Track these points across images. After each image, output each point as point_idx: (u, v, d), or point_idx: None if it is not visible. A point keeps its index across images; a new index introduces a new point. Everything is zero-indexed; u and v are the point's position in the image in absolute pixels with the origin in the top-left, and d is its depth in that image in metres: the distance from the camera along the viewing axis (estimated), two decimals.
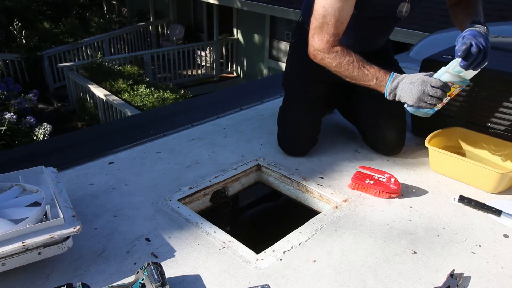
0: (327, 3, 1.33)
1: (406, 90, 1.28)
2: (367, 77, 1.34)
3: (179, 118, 2.00)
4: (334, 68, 1.38)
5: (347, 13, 1.34)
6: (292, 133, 1.65)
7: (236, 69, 10.21)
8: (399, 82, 1.30)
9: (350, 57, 1.35)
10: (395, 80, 1.30)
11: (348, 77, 1.37)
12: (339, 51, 1.36)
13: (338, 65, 1.36)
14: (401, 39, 5.45)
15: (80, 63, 8.13)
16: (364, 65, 1.34)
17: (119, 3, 13.42)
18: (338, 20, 1.34)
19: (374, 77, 1.33)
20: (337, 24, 1.34)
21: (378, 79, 1.33)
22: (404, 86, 1.28)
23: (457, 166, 1.44)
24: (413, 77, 1.29)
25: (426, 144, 1.48)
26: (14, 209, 1.06)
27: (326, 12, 1.34)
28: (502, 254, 1.12)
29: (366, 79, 1.34)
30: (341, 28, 1.36)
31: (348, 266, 1.06)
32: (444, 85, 1.26)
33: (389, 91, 1.31)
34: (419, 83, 1.26)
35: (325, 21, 1.35)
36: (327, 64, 1.39)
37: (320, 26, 1.36)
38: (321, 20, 1.35)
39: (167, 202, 1.32)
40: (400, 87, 1.29)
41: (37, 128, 4.12)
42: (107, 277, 1.01)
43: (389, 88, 1.31)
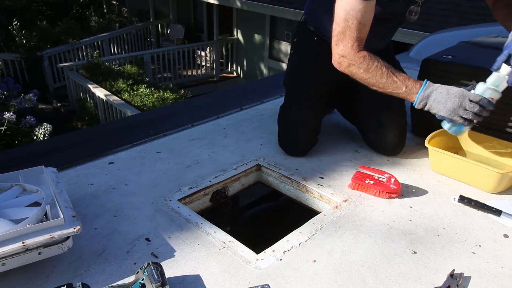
0: (349, 5, 1.29)
1: (440, 100, 1.24)
2: (396, 84, 1.29)
3: (179, 118, 2.01)
4: (361, 75, 1.33)
5: (369, 15, 1.30)
6: (293, 133, 1.65)
7: (236, 69, 10.22)
8: (432, 91, 1.26)
9: (378, 63, 1.30)
10: (429, 88, 1.27)
11: (376, 84, 1.32)
12: (366, 56, 1.31)
13: (365, 71, 1.31)
14: (401, 39, 5.45)
15: (80, 63, 8.13)
16: (393, 72, 1.30)
17: (119, 3, 13.43)
18: (361, 23, 1.29)
19: (403, 84, 1.29)
20: (359, 27, 1.29)
21: (407, 87, 1.29)
22: (438, 96, 1.25)
23: (457, 166, 1.44)
24: (451, 88, 1.25)
25: (426, 144, 1.48)
26: (14, 209, 1.06)
27: (347, 15, 1.29)
28: (502, 254, 1.12)
29: (395, 87, 1.30)
30: (364, 31, 1.31)
31: (348, 266, 1.07)
32: (484, 100, 1.23)
33: (420, 99, 1.27)
34: (457, 95, 1.23)
35: (348, 25, 1.30)
36: (353, 71, 1.34)
37: (343, 31, 1.31)
38: (343, 24, 1.31)
39: (167, 202, 1.32)
40: (433, 96, 1.26)
41: (37, 128, 4.12)
42: (107, 277, 1.01)
43: (421, 96, 1.27)
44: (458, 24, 3.25)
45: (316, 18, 1.63)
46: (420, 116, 1.75)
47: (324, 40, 1.60)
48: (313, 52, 1.66)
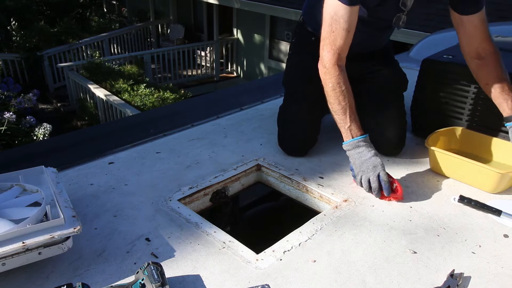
0: (333, 10, 1.32)
1: (358, 158, 1.34)
2: (344, 117, 1.35)
3: (179, 118, 2.00)
4: (327, 89, 1.38)
5: (352, 20, 1.32)
6: (292, 133, 1.65)
7: (236, 69, 10.22)
8: (359, 147, 1.34)
9: (345, 91, 1.35)
10: (362, 142, 1.34)
11: (331, 104, 1.38)
12: (340, 76, 1.35)
13: (332, 89, 1.36)
14: (401, 39, 5.46)
15: (80, 63, 8.14)
16: (350, 107, 1.35)
17: (119, 3, 13.43)
18: (344, 29, 1.32)
19: (349, 123, 1.35)
20: (342, 33, 1.32)
21: (350, 127, 1.35)
22: (363, 153, 1.33)
23: (457, 166, 1.44)
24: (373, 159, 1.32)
25: (426, 144, 1.48)
26: (14, 209, 1.06)
27: (332, 20, 1.32)
28: (502, 254, 1.12)
29: (342, 119, 1.36)
30: (347, 37, 1.33)
31: (348, 266, 1.07)
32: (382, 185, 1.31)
33: (349, 144, 1.35)
34: (373, 163, 1.31)
35: (331, 30, 1.33)
36: (325, 81, 1.38)
37: (328, 36, 1.35)
38: (327, 29, 1.34)
39: (167, 202, 1.32)
40: (359, 150, 1.34)
41: (37, 128, 4.12)
42: (107, 277, 1.01)
43: (352, 143, 1.35)
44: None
45: (313, 19, 1.63)
46: (420, 116, 1.76)
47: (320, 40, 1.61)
48: (311, 52, 1.65)
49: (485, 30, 1.39)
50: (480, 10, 1.36)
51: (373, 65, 1.68)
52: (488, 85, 1.40)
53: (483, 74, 1.41)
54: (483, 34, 1.39)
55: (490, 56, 1.40)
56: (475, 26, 1.38)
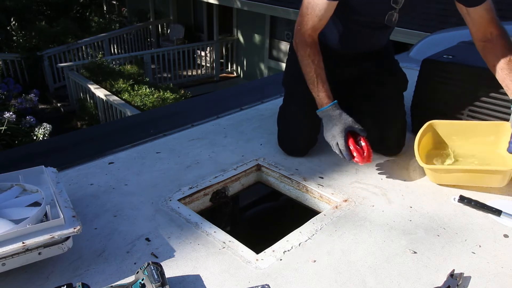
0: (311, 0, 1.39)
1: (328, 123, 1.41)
2: (313, 86, 1.44)
3: (179, 118, 2.01)
4: (300, 61, 1.46)
5: (325, 12, 1.38)
6: (292, 133, 1.65)
7: (236, 69, 10.22)
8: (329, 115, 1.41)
9: (312, 63, 1.43)
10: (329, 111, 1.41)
11: (304, 75, 1.46)
12: (309, 48, 1.43)
13: (300, 58, 1.45)
14: (401, 39, 5.46)
15: (80, 63, 8.14)
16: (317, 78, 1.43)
17: (119, 3, 13.43)
18: (317, 16, 1.39)
19: (317, 93, 1.44)
20: (315, 19, 1.40)
21: (318, 97, 1.43)
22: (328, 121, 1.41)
23: (460, 175, 1.41)
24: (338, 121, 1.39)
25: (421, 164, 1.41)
26: (14, 209, 1.06)
27: (308, 5, 1.40)
28: (502, 254, 1.12)
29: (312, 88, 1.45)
30: (318, 24, 1.41)
31: (348, 266, 1.07)
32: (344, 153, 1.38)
33: (319, 113, 1.44)
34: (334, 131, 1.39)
35: (306, 13, 1.40)
36: (299, 55, 1.46)
37: (302, 19, 1.42)
38: (304, 11, 1.41)
39: (167, 202, 1.32)
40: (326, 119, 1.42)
41: (37, 128, 4.12)
42: (107, 277, 1.01)
43: (321, 112, 1.43)
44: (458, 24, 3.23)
45: None
46: (420, 116, 1.76)
47: (320, 41, 1.60)
48: None
49: (492, 17, 1.41)
50: (485, 1, 1.37)
51: (373, 65, 1.68)
52: (495, 67, 1.40)
53: (491, 56, 1.42)
54: (490, 20, 1.41)
55: (497, 39, 1.41)
56: (481, 16, 1.40)
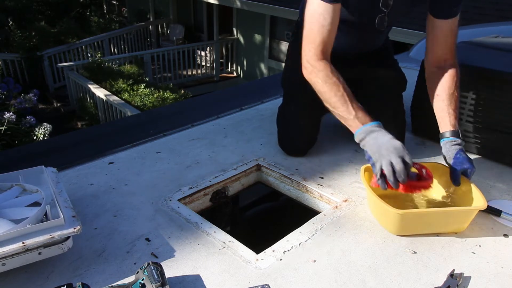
0: (312, 8, 1.28)
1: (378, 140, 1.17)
2: (346, 107, 1.23)
3: (179, 118, 2.01)
4: (318, 87, 1.30)
5: (332, 18, 1.27)
6: (292, 133, 1.65)
7: (236, 69, 10.22)
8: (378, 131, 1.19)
9: (338, 80, 1.26)
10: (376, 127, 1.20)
11: (328, 101, 1.28)
12: (327, 68, 1.28)
13: (323, 83, 1.27)
14: (401, 39, 5.46)
15: (80, 63, 8.14)
16: (349, 96, 1.25)
17: (119, 3, 13.44)
18: (323, 25, 1.27)
19: (354, 111, 1.23)
20: (321, 30, 1.27)
21: (357, 116, 1.23)
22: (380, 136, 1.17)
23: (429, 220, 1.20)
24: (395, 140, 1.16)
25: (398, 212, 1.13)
26: (14, 209, 1.06)
27: (311, 18, 1.29)
28: (502, 254, 1.12)
29: (344, 110, 1.24)
30: (328, 35, 1.28)
31: (348, 266, 1.07)
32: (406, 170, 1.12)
33: (363, 131, 1.21)
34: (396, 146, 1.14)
35: (311, 27, 1.30)
36: (313, 79, 1.31)
37: (307, 34, 1.31)
38: (307, 27, 1.31)
39: (167, 202, 1.32)
40: (375, 134, 1.19)
41: (37, 128, 4.12)
42: (107, 277, 1.01)
43: (365, 129, 1.20)
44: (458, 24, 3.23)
45: None
46: (420, 116, 1.76)
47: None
48: None
49: (453, 42, 1.38)
50: (451, 17, 1.34)
51: (372, 65, 1.68)
52: (437, 96, 1.36)
53: (436, 84, 1.38)
54: (449, 44, 1.38)
55: (449, 68, 1.37)
56: (445, 34, 1.37)
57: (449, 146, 1.28)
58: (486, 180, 1.48)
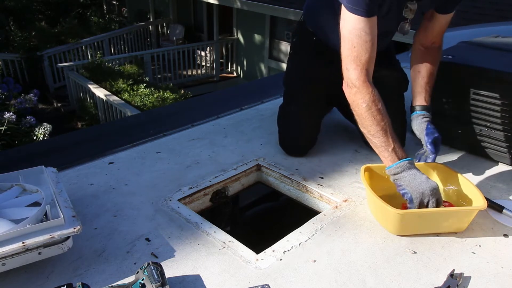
0: (351, 25, 1.24)
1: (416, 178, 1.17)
2: (386, 138, 1.22)
3: (179, 118, 2.01)
4: (361, 110, 1.25)
5: (373, 32, 1.24)
6: (292, 133, 1.65)
7: (236, 69, 10.22)
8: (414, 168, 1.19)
9: (382, 108, 1.24)
10: (412, 164, 1.20)
11: (367, 127, 1.25)
12: (373, 93, 1.24)
13: (367, 108, 1.23)
14: (401, 39, 5.44)
15: (80, 63, 8.14)
16: (390, 127, 1.23)
17: (119, 3, 13.43)
18: (366, 41, 1.24)
19: (393, 144, 1.22)
20: (366, 46, 1.24)
21: (395, 149, 1.21)
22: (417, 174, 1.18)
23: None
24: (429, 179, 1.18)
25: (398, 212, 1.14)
26: (14, 209, 1.06)
27: (351, 35, 1.25)
28: (502, 254, 1.12)
29: (383, 141, 1.22)
30: (372, 51, 1.25)
31: (348, 266, 1.07)
32: None
33: (400, 165, 1.19)
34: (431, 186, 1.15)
35: (353, 44, 1.25)
36: (357, 101, 1.26)
37: (350, 52, 1.26)
38: (348, 44, 1.26)
39: (167, 202, 1.32)
40: (412, 171, 1.18)
41: (37, 128, 4.11)
42: (107, 277, 1.01)
43: (402, 164, 1.19)
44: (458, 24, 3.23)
45: (313, 20, 1.63)
46: None
47: (321, 40, 1.60)
48: (312, 52, 1.66)
49: (445, 29, 1.50)
50: (453, 11, 1.44)
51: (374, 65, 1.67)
52: (419, 73, 1.47)
53: (420, 62, 1.48)
54: (442, 31, 1.49)
55: (435, 50, 1.50)
56: (441, 24, 1.47)
57: (421, 119, 1.41)
58: (486, 180, 1.48)
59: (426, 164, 1.37)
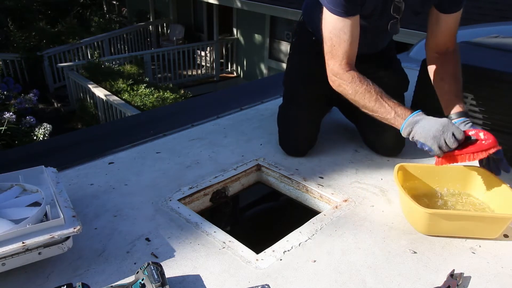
0: (331, 25, 1.30)
1: (426, 126, 1.19)
2: (384, 108, 1.26)
3: (179, 118, 2.00)
4: (351, 96, 1.32)
5: (352, 31, 1.29)
6: (292, 133, 1.65)
7: (236, 69, 10.21)
8: (421, 119, 1.21)
9: (367, 86, 1.29)
10: (419, 116, 1.22)
11: (365, 107, 1.31)
12: (355, 77, 1.30)
13: (354, 93, 1.30)
14: (401, 39, 5.45)
15: (80, 63, 8.14)
16: (383, 96, 1.28)
17: (119, 3, 13.43)
18: (345, 41, 1.29)
19: (393, 110, 1.26)
20: (344, 45, 1.30)
21: (397, 113, 1.25)
22: (425, 123, 1.20)
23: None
24: (439, 119, 1.19)
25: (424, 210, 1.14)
26: (14, 209, 1.06)
27: (331, 34, 1.31)
28: (502, 254, 1.12)
29: (383, 111, 1.27)
30: (350, 48, 1.30)
31: (348, 266, 1.07)
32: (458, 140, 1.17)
33: (408, 123, 1.22)
34: (443, 124, 1.17)
35: (332, 43, 1.31)
36: (344, 91, 1.34)
37: (330, 50, 1.33)
38: (328, 43, 1.33)
39: (167, 202, 1.32)
40: (421, 123, 1.21)
41: (37, 128, 4.11)
42: (107, 277, 1.01)
43: (409, 121, 1.22)
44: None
45: (312, 20, 1.63)
46: None
47: (321, 40, 1.60)
48: (312, 52, 1.66)
49: (455, 30, 1.41)
50: (459, 10, 1.37)
51: (374, 65, 1.67)
52: (442, 80, 1.40)
53: (439, 68, 1.42)
54: (452, 33, 1.41)
55: (451, 54, 1.41)
56: (449, 25, 1.39)
57: (463, 126, 1.28)
58: None
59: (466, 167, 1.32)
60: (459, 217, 1.18)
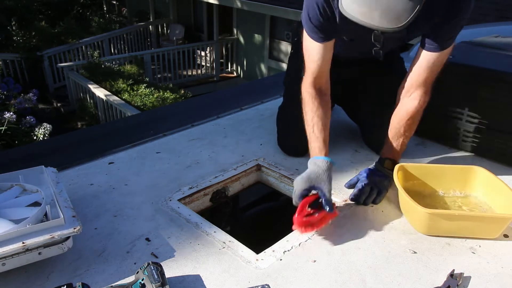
0: (305, 44, 1.35)
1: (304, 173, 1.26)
2: (310, 137, 1.36)
3: (179, 118, 2.00)
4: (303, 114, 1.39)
5: (322, 54, 1.32)
6: (292, 133, 1.64)
7: (236, 69, 10.21)
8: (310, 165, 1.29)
9: (312, 111, 1.34)
10: (312, 162, 1.28)
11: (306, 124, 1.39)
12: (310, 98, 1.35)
13: (305, 113, 1.37)
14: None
15: (80, 63, 8.14)
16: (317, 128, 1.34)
17: (119, 3, 13.43)
18: (314, 61, 1.34)
19: (311, 144, 1.34)
20: (313, 65, 1.34)
21: (311, 149, 1.34)
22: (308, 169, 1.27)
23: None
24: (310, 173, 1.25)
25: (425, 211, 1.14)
26: (14, 209, 1.06)
27: (305, 52, 1.36)
28: (502, 254, 1.12)
29: (309, 139, 1.36)
30: (318, 70, 1.35)
31: (348, 266, 1.07)
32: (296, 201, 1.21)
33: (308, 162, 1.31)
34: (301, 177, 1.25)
35: (306, 60, 1.37)
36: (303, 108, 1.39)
37: (305, 65, 1.38)
38: (305, 58, 1.38)
39: (167, 202, 1.32)
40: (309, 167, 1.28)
41: (37, 128, 4.11)
42: (107, 277, 1.01)
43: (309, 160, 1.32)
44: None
45: None
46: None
47: None
48: None
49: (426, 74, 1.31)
50: (431, 50, 1.28)
51: (374, 66, 1.67)
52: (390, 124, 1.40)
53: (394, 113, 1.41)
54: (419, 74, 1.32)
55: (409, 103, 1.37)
56: (420, 62, 1.31)
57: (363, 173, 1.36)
58: None
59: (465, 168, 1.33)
60: (459, 217, 1.18)
